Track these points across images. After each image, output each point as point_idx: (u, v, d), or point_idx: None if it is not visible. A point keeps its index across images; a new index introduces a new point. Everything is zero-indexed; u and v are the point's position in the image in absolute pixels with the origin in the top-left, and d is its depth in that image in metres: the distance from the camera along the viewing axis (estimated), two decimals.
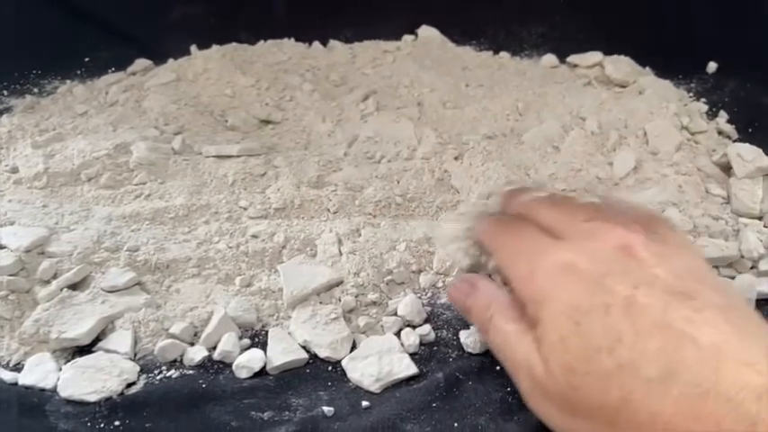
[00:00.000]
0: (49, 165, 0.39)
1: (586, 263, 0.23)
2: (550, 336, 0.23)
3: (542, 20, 0.55)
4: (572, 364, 0.22)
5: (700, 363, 0.20)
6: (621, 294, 0.22)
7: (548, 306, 0.23)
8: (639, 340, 0.21)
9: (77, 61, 0.52)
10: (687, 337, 0.21)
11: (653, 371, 0.20)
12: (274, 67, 0.50)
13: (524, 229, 0.27)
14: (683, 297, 0.22)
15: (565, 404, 0.22)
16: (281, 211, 0.37)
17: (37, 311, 0.31)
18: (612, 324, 0.22)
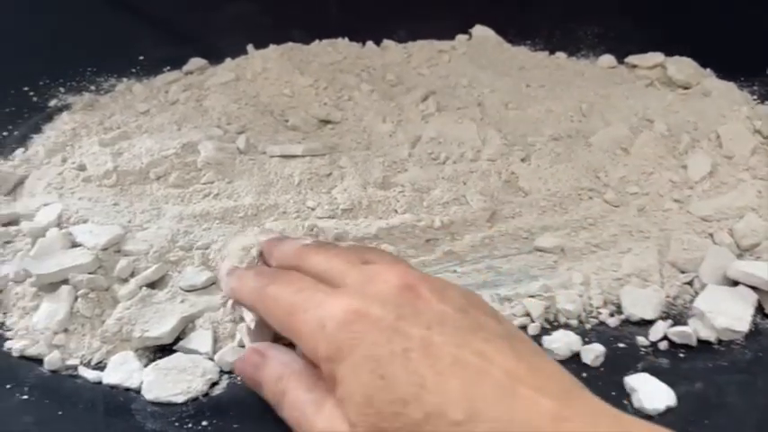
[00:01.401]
0: (118, 163, 0.39)
1: (377, 308, 0.22)
2: (355, 396, 0.21)
3: (598, 20, 0.54)
4: (378, 423, 0.21)
5: (498, 396, 0.20)
6: (417, 336, 0.21)
7: (346, 362, 0.22)
8: (441, 382, 0.20)
9: (132, 59, 0.53)
10: (483, 372, 0.21)
11: (459, 413, 0.20)
12: (330, 66, 0.49)
13: (296, 280, 0.25)
14: (472, 330, 0.22)
15: None
16: (349, 211, 0.37)
17: (118, 310, 0.31)
18: (414, 369, 0.21)
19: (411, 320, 0.22)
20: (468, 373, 0.20)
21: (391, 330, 0.22)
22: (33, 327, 0.30)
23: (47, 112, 0.47)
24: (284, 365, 0.25)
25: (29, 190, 0.39)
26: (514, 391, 0.20)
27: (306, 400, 0.23)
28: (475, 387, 0.20)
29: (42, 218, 0.35)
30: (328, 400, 0.22)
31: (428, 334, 0.21)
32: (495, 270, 0.34)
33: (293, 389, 0.24)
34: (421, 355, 0.21)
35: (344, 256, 0.26)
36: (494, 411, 0.20)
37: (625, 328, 0.31)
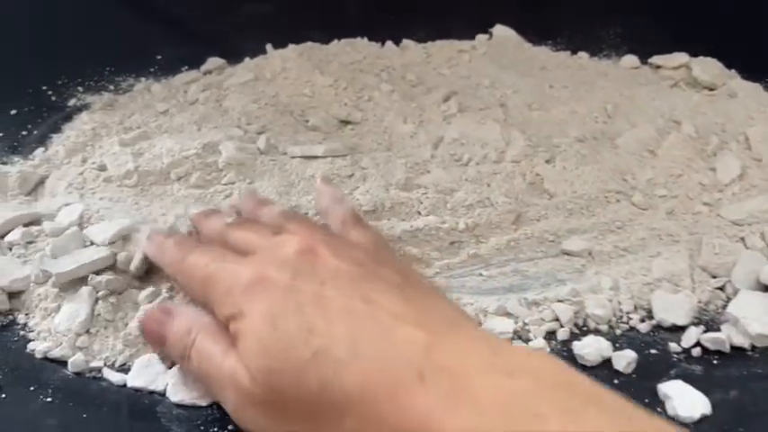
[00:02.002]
0: (139, 163, 0.39)
1: (275, 272, 0.25)
2: (250, 344, 0.23)
3: (621, 19, 0.53)
4: (271, 364, 0.23)
5: (380, 335, 0.22)
6: (310, 291, 0.24)
7: (246, 318, 0.24)
8: (329, 326, 0.23)
9: (150, 59, 0.52)
10: (369, 315, 0.23)
11: (342, 351, 0.22)
12: (350, 66, 0.49)
13: (210, 251, 0.28)
14: (365, 280, 0.24)
15: (271, 410, 0.23)
16: (372, 213, 0.37)
17: (140, 313, 0.30)
18: (306, 319, 0.23)
19: (306, 278, 0.24)
20: (355, 318, 0.23)
21: (288, 289, 0.24)
22: (55, 328, 0.30)
23: (66, 112, 0.47)
24: (192, 320, 0.27)
25: (50, 190, 0.39)
26: (395, 329, 0.22)
27: (215, 350, 0.25)
28: (359, 329, 0.22)
29: (64, 218, 0.35)
30: (233, 351, 0.24)
31: (321, 289, 0.24)
32: (521, 273, 0.34)
33: (201, 340, 0.26)
34: (313, 307, 0.23)
35: (260, 229, 0.29)
36: (374, 349, 0.22)
37: (656, 334, 0.31)
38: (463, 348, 0.22)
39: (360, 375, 0.21)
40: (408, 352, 0.21)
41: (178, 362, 0.27)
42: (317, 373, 0.22)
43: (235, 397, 0.24)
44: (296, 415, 0.22)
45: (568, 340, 0.30)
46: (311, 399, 0.22)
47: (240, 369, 0.24)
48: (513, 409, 0.19)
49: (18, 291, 0.32)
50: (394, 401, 0.21)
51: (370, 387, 0.21)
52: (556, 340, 0.30)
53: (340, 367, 0.22)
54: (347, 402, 0.21)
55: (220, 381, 0.24)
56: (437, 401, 0.20)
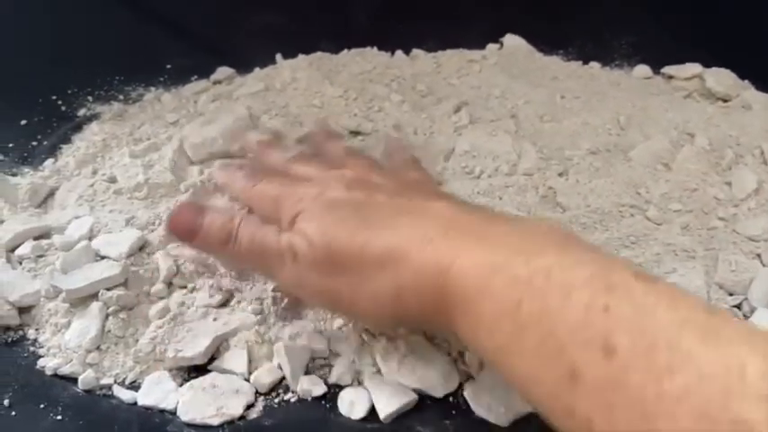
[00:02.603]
0: (149, 175, 0.39)
1: (335, 192, 0.29)
2: (309, 219, 0.28)
3: (632, 29, 0.53)
4: (327, 231, 0.27)
5: (416, 211, 0.27)
6: (360, 197, 0.28)
7: (307, 210, 0.28)
8: (372, 205, 0.28)
9: (160, 68, 0.52)
10: (408, 203, 0.28)
11: (383, 219, 0.27)
12: (359, 76, 0.49)
13: (280, 180, 0.31)
14: (402, 193, 0.29)
15: (324, 269, 0.27)
16: None
17: (151, 329, 0.30)
18: (356, 205, 0.28)
19: (358, 191, 0.29)
20: (397, 203, 0.28)
21: (346, 198, 0.28)
22: (66, 345, 0.30)
23: (76, 122, 0.47)
24: (230, 210, 0.30)
25: (60, 202, 0.38)
26: (428, 208, 0.27)
27: (267, 230, 0.28)
28: (399, 207, 0.27)
29: (74, 231, 0.35)
30: (287, 232, 0.28)
31: (368, 196, 0.28)
32: None
33: (249, 223, 0.29)
34: (362, 202, 0.28)
35: (320, 164, 0.32)
36: (409, 219, 0.27)
37: None
38: (484, 217, 0.27)
39: (396, 236, 0.26)
40: (437, 219, 0.26)
41: (218, 248, 0.29)
42: (362, 235, 0.26)
43: (292, 264, 0.27)
44: (343, 272, 0.26)
45: None
46: (356, 257, 0.26)
47: (298, 240, 0.27)
48: (517, 246, 0.23)
49: (28, 306, 0.32)
50: (422, 252, 0.25)
51: (405, 243, 0.25)
52: None
53: (380, 230, 0.26)
54: (385, 256, 0.25)
55: (278, 252, 0.28)
56: (456, 246, 0.24)
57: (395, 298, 0.25)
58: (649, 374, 0.18)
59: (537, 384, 0.21)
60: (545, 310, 0.21)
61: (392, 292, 0.25)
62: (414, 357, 0.29)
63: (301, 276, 0.27)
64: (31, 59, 0.53)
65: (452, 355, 0.30)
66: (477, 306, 0.23)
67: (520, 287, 0.22)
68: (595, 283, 0.21)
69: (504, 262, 0.23)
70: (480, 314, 0.23)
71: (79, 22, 0.56)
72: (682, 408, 0.18)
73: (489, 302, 0.22)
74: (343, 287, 0.26)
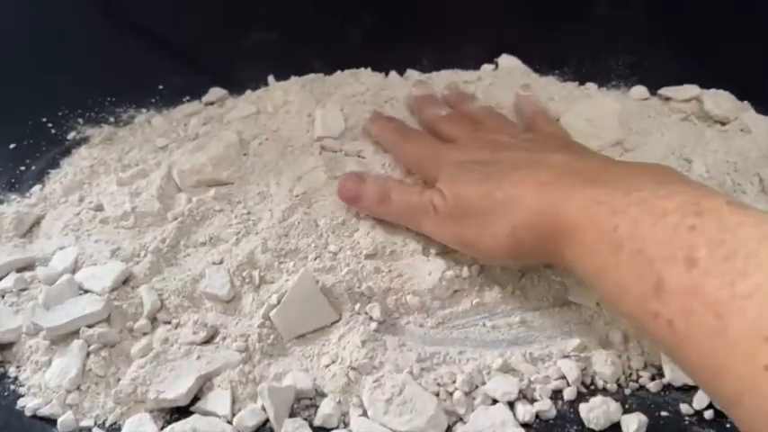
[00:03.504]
0: (136, 203, 0.38)
1: (469, 155, 0.35)
2: (445, 182, 0.34)
3: (630, 49, 0.52)
4: (458, 187, 0.33)
5: (534, 160, 0.32)
6: (489, 156, 0.34)
7: (444, 168, 0.34)
8: (497, 162, 0.33)
9: (152, 89, 0.52)
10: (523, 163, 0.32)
11: (504, 170, 0.32)
12: (352, 98, 0.48)
13: (422, 139, 0.39)
14: (527, 147, 0.34)
15: (455, 216, 0.32)
16: (372, 256, 0.36)
17: (132, 369, 0.29)
18: (484, 163, 0.33)
19: (489, 151, 0.34)
20: (518, 155, 0.33)
21: (477, 159, 0.34)
22: (46, 384, 0.29)
23: (65, 146, 0.46)
24: (384, 176, 0.39)
25: (45, 231, 0.38)
26: (546, 157, 0.32)
27: (412, 190, 0.36)
28: (519, 159, 0.33)
29: (58, 263, 0.35)
30: (428, 189, 0.35)
31: (497, 155, 0.34)
32: (527, 325, 0.33)
33: (398, 185, 0.37)
34: (489, 163, 0.33)
35: (464, 124, 0.40)
36: (527, 168, 0.31)
37: (667, 394, 0.29)
38: (596, 164, 0.31)
39: (513, 185, 0.30)
40: (551, 168, 0.30)
41: (374, 207, 0.36)
42: (485, 184, 0.31)
43: (434, 215, 0.33)
44: (470, 219, 0.32)
45: (575, 400, 0.29)
46: (479, 206, 0.31)
47: (436, 197, 0.33)
48: (620, 182, 0.27)
49: (9, 342, 0.31)
50: (534, 195, 0.29)
51: (519, 190, 0.30)
52: (562, 400, 0.29)
53: (500, 182, 0.31)
54: (502, 203, 0.30)
55: (420, 206, 0.34)
56: (566, 188, 0.28)
57: (510, 235, 0.30)
58: (724, 279, 0.21)
59: (627, 293, 0.24)
60: (637, 232, 0.24)
61: (508, 230, 0.30)
62: (401, 399, 0.28)
63: (439, 225, 0.33)
64: (22, 80, 0.53)
65: (440, 396, 0.29)
66: (582, 233, 0.27)
67: (617, 216, 0.25)
68: (686, 208, 0.24)
69: (605, 194, 0.27)
70: (584, 240, 0.27)
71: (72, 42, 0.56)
72: (751, 302, 0.20)
73: (591, 229, 0.26)
74: (469, 231, 0.32)
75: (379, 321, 0.32)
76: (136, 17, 0.55)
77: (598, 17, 0.54)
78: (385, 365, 0.30)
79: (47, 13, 0.55)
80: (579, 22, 0.53)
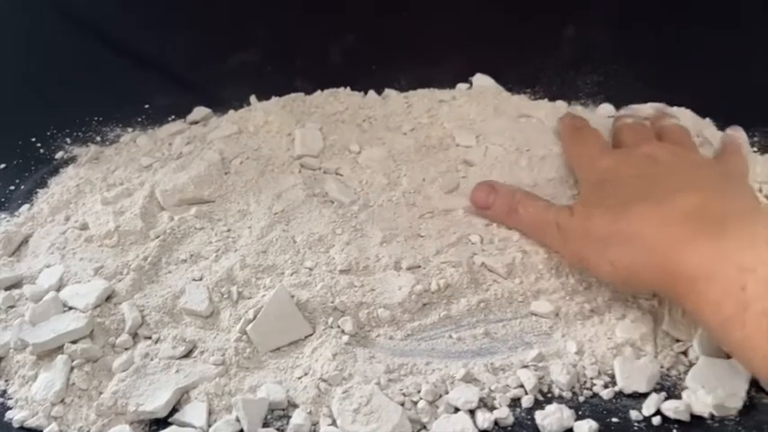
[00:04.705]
0: (119, 222, 0.40)
1: (616, 169, 0.36)
2: (580, 195, 0.37)
3: (598, 68, 0.54)
4: (588, 203, 0.35)
5: (664, 191, 0.32)
6: (631, 173, 0.35)
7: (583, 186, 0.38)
8: (632, 190, 0.34)
9: (138, 108, 0.54)
10: (652, 196, 0.32)
11: (631, 197, 0.33)
12: (332, 117, 0.50)
13: (589, 140, 0.41)
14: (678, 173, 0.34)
15: (582, 234, 0.33)
16: (347, 272, 0.37)
17: (113, 382, 0.31)
18: (621, 185, 0.34)
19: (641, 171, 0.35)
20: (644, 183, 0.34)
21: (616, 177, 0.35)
22: (32, 397, 0.31)
23: (53, 165, 0.48)
24: (513, 189, 0.39)
25: (32, 250, 0.40)
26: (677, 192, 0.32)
27: (539, 204, 0.37)
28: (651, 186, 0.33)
29: (44, 281, 0.36)
30: (554, 207, 0.37)
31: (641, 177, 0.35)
32: (490, 336, 0.35)
33: (526, 198, 0.38)
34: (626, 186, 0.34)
35: (640, 135, 0.41)
36: (655, 198, 0.32)
37: (619, 401, 0.31)
38: (722, 209, 0.30)
39: (638, 219, 0.31)
40: (678, 209, 0.30)
41: (503, 217, 0.38)
42: (613, 211, 0.32)
43: (557, 233, 0.35)
44: (593, 241, 0.33)
45: (532, 408, 0.31)
46: (604, 231, 0.32)
47: (563, 214, 0.35)
48: (746, 236, 0.27)
49: None
50: (656, 234, 0.30)
51: (643, 225, 0.31)
52: (520, 407, 0.31)
53: (630, 210, 0.31)
54: (630, 231, 0.31)
55: (546, 221, 0.36)
56: (689, 233, 0.29)
57: (628, 268, 0.31)
58: None
59: (756, 355, 0.25)
60: (766, 294, 0.25)
61: (627, 263, 0.31)
62: (368, 409, 0.30)
63: (563, 244, 0.35)
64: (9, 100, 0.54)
65: (405, 405, 0.31)
66: (704, 286, 0.27)
67: (745, 274, 0.26)
68: None
69: (732, 250, 0.27)
70: (706, 293, 0.27)
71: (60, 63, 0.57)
72: None
73: (715, 284, 0.27)
74: (591, 253, 0.33)
75: (351, 334, 0.34)
76: (122, 38, 0.57)
77: (567, 39, 0.56)
78: (354, 377, 0.32)
79: (34, 34, 0.57)
80: (549, 43, 0.55)
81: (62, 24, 0.57)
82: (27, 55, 0.57)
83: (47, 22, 0.57)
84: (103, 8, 0.57)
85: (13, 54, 0.56)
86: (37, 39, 0.57)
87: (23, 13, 0.57)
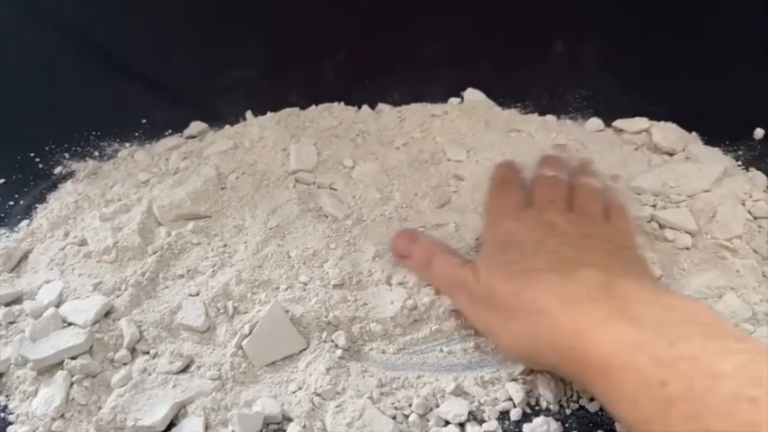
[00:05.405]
0: (117, 238, 0.40)
1: (518, 233, 0.35)
2: (484, 258, 0.35)
3: (587, 83, 0.55)
4: (491, 269, 0.33)
5: (569, 270, 0.31)
6: (534, 239, 0.34)
7: (483, 250, 0.36)
8: (534, 259, 0.32)
9: (135, 123, 0.54)
10: (561, 267, 0.31)
11: (538, 273, 0.31)
12: (326, 132, 0.51)
13: (510, 195, 0.39)
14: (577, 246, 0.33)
15: (486, 301, 0.32)
16: (340, 287, 0.38)
17: (112, 398, 0.32)
18: (524, 252, 0.33)
19: (537, 233, 0.34)
20: (555, 257, 0.32)
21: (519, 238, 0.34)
22: (33, 412, 0.32)
23: (52, 180, 0.49)
24: (433, 242, 0.38)
25: (32, 265, 0.40)
26: (581, 267, 0.30)
27: (453, 261, 0.36)
28: (555, 263, 0.32)
29: (44, 297, 0.37)
30: (468, 264, 0.35)
31: (542, 238, 0.34)
32: (480, 349, 0.35)
33: (442, 254, 0.37)
34: (531, 248, 0.33)
35: (547, 195, 0.38)
36: (560, 276, 0.30)
37: (604, 414, 0.32)
38: (632, 286, 0.29)
39: (544, 291, 0.30)
40: (585, 284, 0.29)
41: (419, 269, 0.38)
42: (517, 282, 0.31)
43: (466, 293, 0.34)
44: (497, 308, 0.32)
45: (521, 420, 0.32)
46: (507, 300, 0.31)
47: (471, 274, 0.34)
48: (662, 325, 0.26)
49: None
50: (562, 312, 0.28)
51: (548, 300, 0.29)
52: (509, 420, 0.32)
53: (534, 282, 0.30)
54: (534, 307, 0.30)
55: (456, 281, 0.35)
56: (597, 314, 0.27)
57: (531, 343, 0.30)
58: None
59: None
60: (691, 395, 0.23)
61: (529, 338, 0.30)
62: (360, 423, 0.31)
63: (469, 305, 0.34)
64: (11, 116, 0.55)
65: (397, 419, 0.32)
66: (619, 379, 0.25)
67: (665, 369, 0.24)
68: (742, 374, 0.23)
69: (648, 341, 0.25)
70: (623, 387, 0.25)
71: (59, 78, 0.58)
72: None
73: (632, 378, 0.25)
74: (493, 321, 0.32)
75: (344, 348, 0.35)
76: (119, 53, 0.57)
77: (557, 54, 0.57)
78: (347, 391, 0.33)
79: (33, 49, 0.58)
80: (539, 59, 0.57)
81: (60, 40, 0.58)
82: (25, 70, 0.57)
83: (45, 38, 0.58)
84: (102, 24, 0.58)
85: (12, 70, 0.57)
86: (35, 54, 0.58)
87: (22, 29, 0.58)
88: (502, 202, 0.39)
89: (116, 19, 0.58)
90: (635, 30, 0.55)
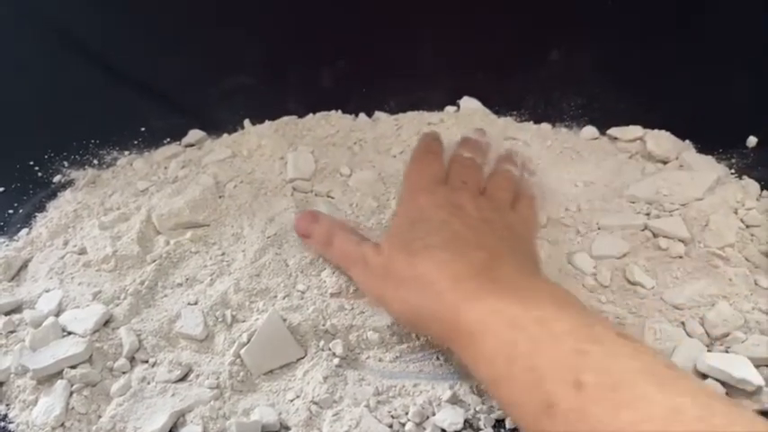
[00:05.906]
0: (117, 247, 0.41)
1: (427, 210, 0.37)
2: (390, 234, 0.37)
3: (582, 91, 0.56)
4: (395, 245, 0.35)
5: (462, 249, 0.33)
6: (440, 217, 0.36)
7: (394, 224, 0.38)
8: (436, 236, 0.34)
9: (134, 131, 0.55)
10: (455, 247, 0.33)
11: (434, 249, 0.33)
12: (324, 140, 0.52)
13: (432, 166, 0.42)
14: (476, 229, 0.35)
15: (384, 272, 0.34)
16: (337, 295, 0.39)
17: (112, 406, 0.32)
18: (429, 229, 0.35)
19: (446, 212, 0.36)
20: (452, 237, 0.34)
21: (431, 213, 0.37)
22: (33, 422, 0.32)
23: (51, 189, 0.49)
24: (333, 221, 0.40)
25: (32, 274, 0.41)
26: (473, 249, 0.33)
27: (352, 239, 0.38)
28: (450, 243, 0.34)
29: (43, 306, 0.37)
30: (365, 242, 0.37)
31: (449, 218, 0.36)
32: None
33: (341, 232, 0.39)
34: (436, 225, 0.35)
35: (460, 176, 0.41)
36: (453, 254, 0.33)
37: None
38: (512, 273, 0.32)
39: (435, 267, 0.32)
40: (472, 266, 0.32)
41: (320, 248, 0.39)
42: (417, 257, 0.33)
43: (363, 267, 0.36)
44: (392, 279, 0.34)
45: (515, 428, 0.32)
46: (406, 270, 0.33)
47: (372, 250, 0.36)
48: (521, 297, 0.29)
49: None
50: (448, 287, 0.31)
51: (437, 274, 0.32)
52: (504, 428, 0.32)
53: (429, 258, 0.33)
54: (425, 279, 0.32)
55: (355, 257, 0.36)
56: (475, 290, 0.30)
57: (417, 311, 0.32)
58: (608, 408, 0.24)
59: (521, 410, 0.26)
60: (534, 349, 0.26)
61: (417, 306, 0.32)
62: (358, 431, 0.31)
63: (366, 278, 0.36)
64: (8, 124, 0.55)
65: (394, 427, 0.32)
66: (480, 341, 0.28)
67: (516, 330, 0.27)
68: (580, 332, 0.26)
69: (506, 308, 0.28)
70: (483, 348, 0.28)
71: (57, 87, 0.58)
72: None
73: (490, 339, 0.28)
74: (388, 289, 0.34)
75: (342, 357, 0.35)
76: (119, 62, 0.58)
77: (552, 63, 0.58)
78: (344, 399, 0.33)
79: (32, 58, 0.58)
80: (535, 67, 0.57)
81: (59, 49, 0.58)
82: (25, 79, 0.58)
83: (44, 46, 0.58)
84: (100, 33, 0.58)
85: (11, 79, 0.57)
86: (34, 63, 0.58)
87: (21, 38, 0.58)
88: (423, 172, 0.41)
89: (115, 27, 0.58)
90: (630, 38, 0.56)
